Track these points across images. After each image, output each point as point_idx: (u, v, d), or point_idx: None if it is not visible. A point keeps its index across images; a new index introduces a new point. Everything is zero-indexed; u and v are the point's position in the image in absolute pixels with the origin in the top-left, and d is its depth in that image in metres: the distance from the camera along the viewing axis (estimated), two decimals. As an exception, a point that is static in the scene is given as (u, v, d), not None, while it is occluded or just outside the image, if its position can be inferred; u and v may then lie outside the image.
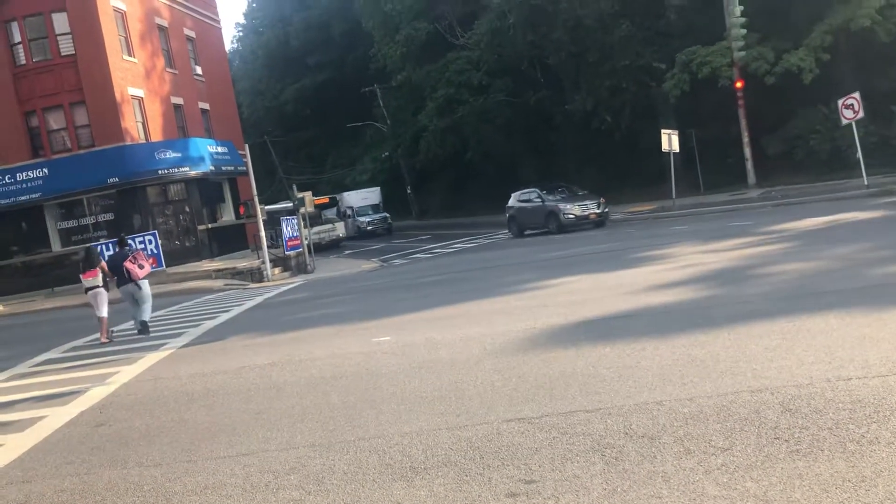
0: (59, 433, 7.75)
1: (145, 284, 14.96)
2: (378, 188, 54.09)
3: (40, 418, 8.45)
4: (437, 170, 54.95)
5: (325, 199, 47.10)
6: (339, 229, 45.77)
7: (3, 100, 31.62)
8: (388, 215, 50.73)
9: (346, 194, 52.45)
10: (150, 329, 14.78)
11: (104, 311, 14.71)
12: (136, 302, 14.90)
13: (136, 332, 14.89)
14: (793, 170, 32.25)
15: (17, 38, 31.67)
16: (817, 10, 30.88)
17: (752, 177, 32.52)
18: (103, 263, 15.23)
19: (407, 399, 7.14)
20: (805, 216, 20.23)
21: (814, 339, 7.14)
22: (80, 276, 15.00)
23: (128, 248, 15.65)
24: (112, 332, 15.15)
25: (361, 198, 52.43)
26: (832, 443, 4.70)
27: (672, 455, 4.84)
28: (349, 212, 50.71)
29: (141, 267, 14.82)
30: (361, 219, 50.10)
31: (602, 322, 9.50)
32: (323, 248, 41.74)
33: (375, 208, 51.65)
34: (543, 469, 4.92)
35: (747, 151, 32.54)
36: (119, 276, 14.75)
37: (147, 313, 15.05)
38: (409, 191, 59.37)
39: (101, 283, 14.82)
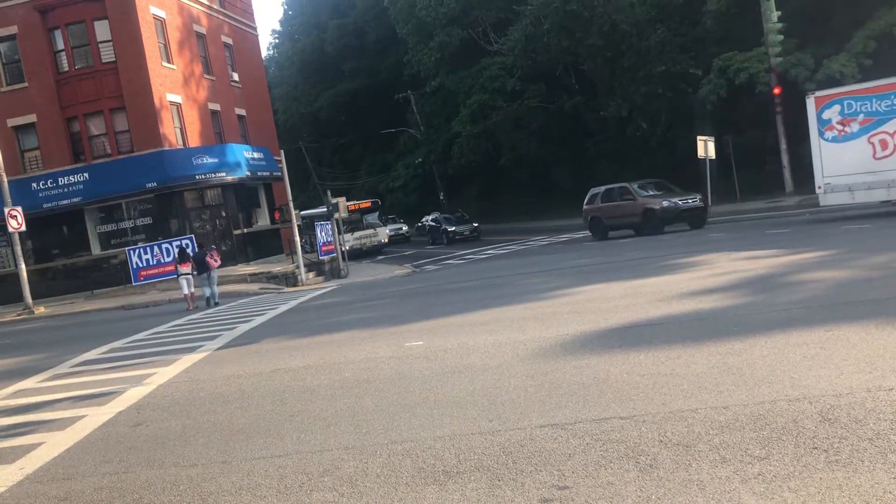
0: (98, 432, 7.88)
1: (215, 272, 22.56)
2: None
3: (80, 417, 8.61)
4: (470, 176, 55.04)
5: (366, 203, 46.96)
6: (381, 234, 44.16)
7: (46, 106, 32.38)
8: None
9: None
10: (191, 327, 15.53)
11: (193, 289, 22.28)
12: (209, 283, 22.17)
13: (206, 305, 21.82)
14: (832, 177, 31.65)
15: (61, 45, 32.43)
16: (859, 15, 30.38)
17: (789, 184, 32.07)
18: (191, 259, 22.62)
19: (440, 403, 7.15)
20: (844, 224, 19.87)
21: (853, 348, 7.00)
22: (178, 266, 22.66)
23: (204, 248, 23.45)
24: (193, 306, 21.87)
25: None
26: (873, 453, 4.61)
27: (707, 463, 4.79)
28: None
29: (215, 260, 22.45)
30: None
31: (635, 329, 9.43)
32: (364, 253, 41.50)
33: None
34: (577, 475, 4.89)
35: (785, 158, 32.11)
36: (200, 266, 22.18)
37: (216, 294, 22.34)
38: (441, 197, 59.50)
39: (191, 272, 22.23)
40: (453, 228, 42.56)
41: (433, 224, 45.70)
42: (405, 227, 51.67)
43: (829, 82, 29.87)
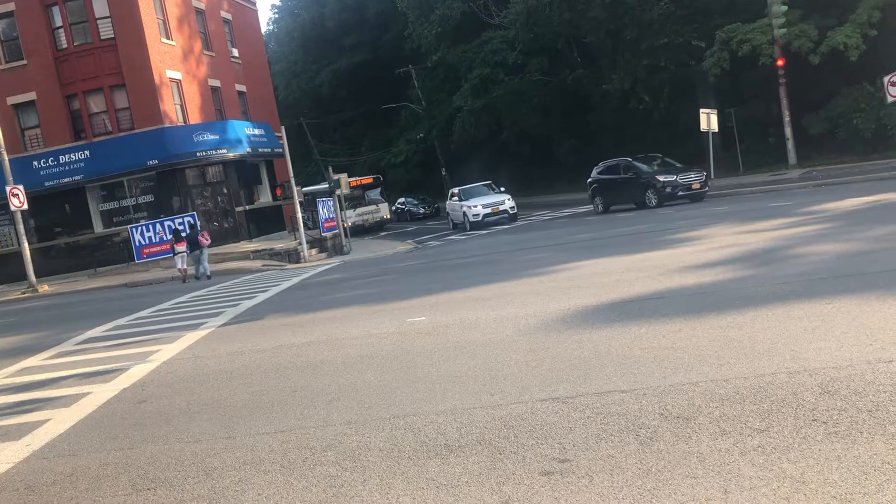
0: (103, 409, 7.94)
1: (206, 251, 25.19)
2: None
3: (85, 395, 8.67)
4: (472, 151, 54.75)
5: (368, 179, 46.55)
6: (383, 210, 43.84)
7: (45, 84, 32.23)
8: None
9: None
10: (194, 304, 15.66)
11: (185, 265, 25.14)
12: (200, 260, 24.83)
13: (196, 279, 24.46)
14: (835, 149, 31.59)
15: (59, 22, 32.20)
16: (863, -15, 30.05)
17: (792, 157, 31.92)
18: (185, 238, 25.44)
19: (441, 378, 7.18)
20: (847, 196, 19.82)
21: (854, 321, 7.02)
22: (175, 245, 25.17)
23: (197, 229, 26.15)
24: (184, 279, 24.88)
25: None
26: (871, 425, 4.63)
27: (707, 436, 4.82)
28: None
29: (206, 239, 25.20)
30: None
31: (636, 303, 9.44)
32: (366, 230, 41.43)
33: None
34: (577, 448, 4.93)
35: (788, 131, 31.92)
36: (192, 245, 24.97)
37: (207, 268, 24.92)
38: (443, 172, 59.26)
39: (186, 250, 25.02)
40: (672, 178, 26.26)
41: (613, 176, 28.39)
42: (509, 201, 31.99)
43: (833, 54, 29.63)
